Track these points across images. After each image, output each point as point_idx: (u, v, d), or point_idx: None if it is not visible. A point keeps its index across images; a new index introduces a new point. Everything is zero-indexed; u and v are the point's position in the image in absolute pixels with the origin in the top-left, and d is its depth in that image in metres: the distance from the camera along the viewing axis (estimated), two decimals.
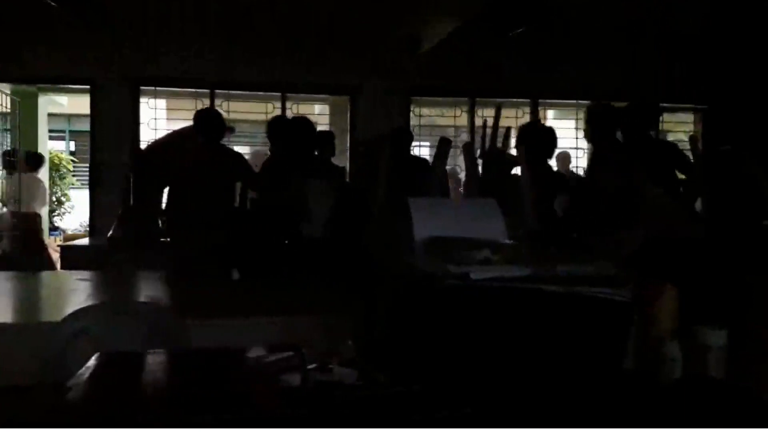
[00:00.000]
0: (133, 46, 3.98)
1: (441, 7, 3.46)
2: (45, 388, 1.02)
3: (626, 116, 2.24)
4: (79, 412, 0.79)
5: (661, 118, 4.82)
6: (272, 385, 0.83)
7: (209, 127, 2.65)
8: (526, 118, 4.79)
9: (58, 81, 4.53)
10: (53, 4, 3.19)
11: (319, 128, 3.28)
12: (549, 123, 5.37)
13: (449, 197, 2.94)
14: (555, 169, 4.55)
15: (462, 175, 3.83)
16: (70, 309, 1.25)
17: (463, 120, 4.72)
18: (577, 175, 4.25)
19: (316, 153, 2.87)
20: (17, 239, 3.81)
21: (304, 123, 2.72)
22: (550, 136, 2.46)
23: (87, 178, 4.50)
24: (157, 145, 3.09)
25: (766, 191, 1.39)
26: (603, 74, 4.22)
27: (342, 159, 4.16)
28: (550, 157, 2.49)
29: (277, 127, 2.85)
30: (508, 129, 2.23)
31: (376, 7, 3.53)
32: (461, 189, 3.70)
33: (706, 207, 1.55)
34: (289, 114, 4.34)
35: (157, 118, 4.46)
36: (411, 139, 3.01)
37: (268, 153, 2.92)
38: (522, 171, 1.73)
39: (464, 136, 4.56)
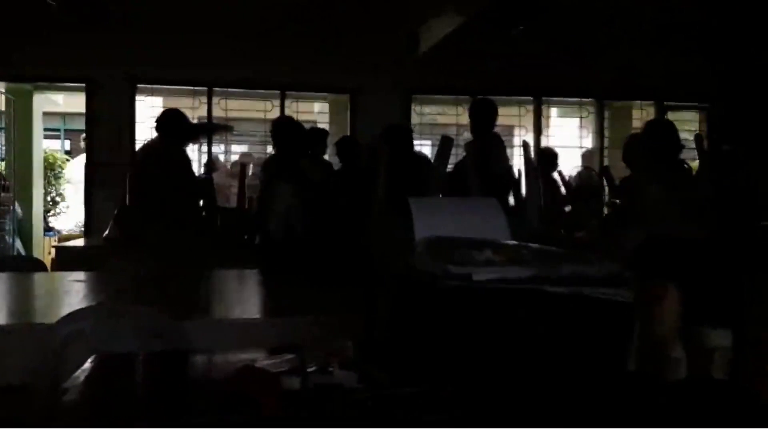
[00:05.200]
0: (130, 44, 3.96)
1: (442, 6, 3.46)
2: (40, 389, 1.01)
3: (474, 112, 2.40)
4: (75, 414, 0.78)
5: (664, 116, 4.85)
6: (272, 386, 0.82)
7: (166, 128, 2.74)
8: (529, 117, 4.80)
9: (54, 79, 4.51)
10: (50, 2, 3.17)
11: (319, 126, 3.29)
12: (551, 121, 5.39)
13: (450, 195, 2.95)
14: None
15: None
16: (64, 311, 1.23)
17: (464, 118, 4.72)
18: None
19: (308, 151, 2.96)
20: None
21: (290, 124, 2.79)
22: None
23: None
24: (147, 146, 3.14)
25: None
26: (605, 72, 4.23)
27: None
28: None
29: (277, 128, 2.89)
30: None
31: (377, 5, 3.52)
32: None
33: (709, 206, 1.56)
34: (288, 113, 4.34)
35: (154, 117, 4.44)
36: (410, 135, 3.03)
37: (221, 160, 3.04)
38: (528, 173, 1.73)
39: (466, 135, 4.57)
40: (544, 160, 4.03)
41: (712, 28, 3.63)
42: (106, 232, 3.19)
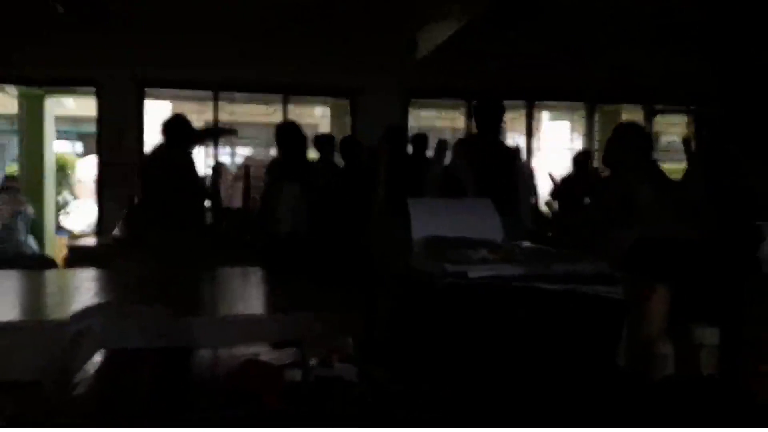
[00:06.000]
0: (136, 47, 4.02)
1: (440, 9, 3.48)
2: (50, 383, 1.04)
3: (478, 111, 2.53)
4: (83, 409, 0.81)
5: (653, 119, 4.85)
6: (274, 378, 0.84)
7: (169, 134, 2.75)
8: (522, 120, 4.81)
9: (65, 83, 4.58)
10: (59, 6, 3.23)
11: (321, 130, 3.36)
12: (544, 124, 5.40)
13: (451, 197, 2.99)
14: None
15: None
16: (76, 307, 1.27)
17: (460, 122, 4.74)
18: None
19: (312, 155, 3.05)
20: None
21: (292, 128, 2.82)
22: None
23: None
24: (153, 150, 3.20)
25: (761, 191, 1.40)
26: (598, 75, 4.23)
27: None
28: None
29: (281, 132, 2.94)
30: None
31: (377, 9, 3.55)
32: None
33: (701, 207, 1.56)
34: (290, 117, 4.39)
35: (162, 121, 4.49)
36: (425, 140, 3.10)
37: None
38: (521, 174, 1.75)
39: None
40: (578, 162, 4.12)
41: (708, 29, 3.61)
42: (115, 232, 3.24)
